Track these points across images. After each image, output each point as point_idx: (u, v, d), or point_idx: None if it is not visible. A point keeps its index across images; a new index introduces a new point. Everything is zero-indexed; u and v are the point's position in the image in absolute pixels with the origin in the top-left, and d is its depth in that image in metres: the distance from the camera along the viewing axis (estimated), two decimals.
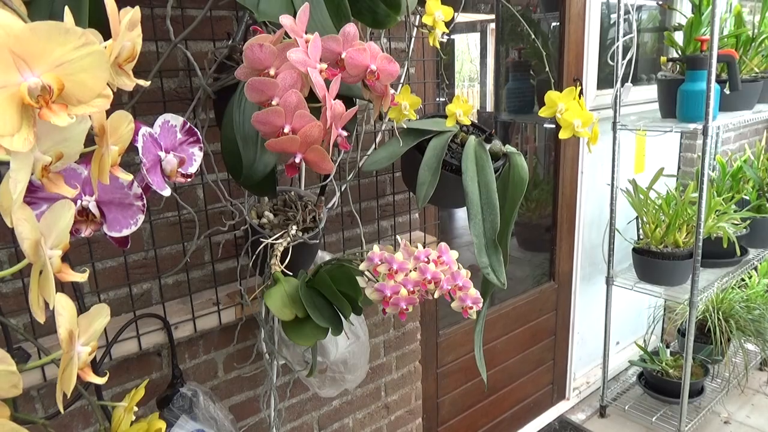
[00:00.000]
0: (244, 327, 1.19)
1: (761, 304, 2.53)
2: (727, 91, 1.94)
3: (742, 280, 2.63)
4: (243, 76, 0.70)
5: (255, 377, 1.26)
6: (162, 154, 0.67)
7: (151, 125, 0.66)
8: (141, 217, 0.64)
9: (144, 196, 0.64)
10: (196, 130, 0.71)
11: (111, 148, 0.49)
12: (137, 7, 0.51)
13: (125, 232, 0.64)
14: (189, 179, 0.69)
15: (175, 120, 0.69)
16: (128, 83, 0.51)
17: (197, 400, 1.02)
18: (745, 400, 2.50)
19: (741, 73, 2.05)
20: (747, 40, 2.08)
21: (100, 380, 0.51)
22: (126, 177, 0.52)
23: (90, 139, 0.49)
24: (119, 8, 0.51)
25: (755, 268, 2.67)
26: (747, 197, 2.40)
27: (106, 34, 0.50)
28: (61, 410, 0.48)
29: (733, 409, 2.44)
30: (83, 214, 0.60)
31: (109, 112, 0.50)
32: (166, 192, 0.65)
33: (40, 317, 0.46)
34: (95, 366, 0.90)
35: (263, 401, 1.26)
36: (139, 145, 0.64)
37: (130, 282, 1.05)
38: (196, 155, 0.72)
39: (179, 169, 0.68)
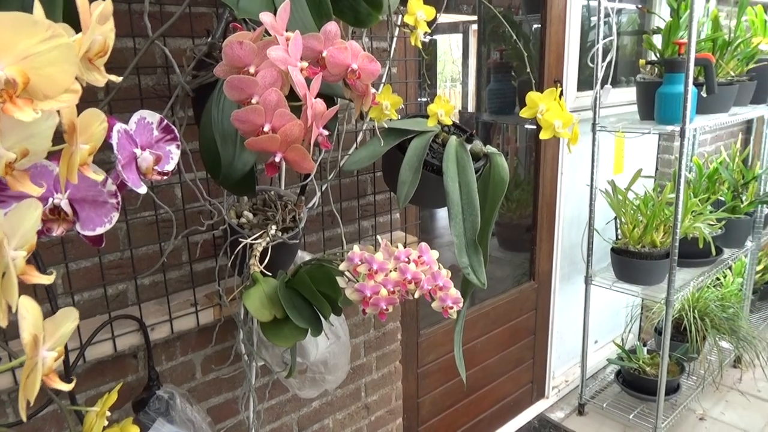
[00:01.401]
0: (223, 328, 1.18)
1: (735, 303, 2.58)
2: (704, 94, 1.97)
3: (717, 279, 2.68)
4: (222, 73, 0.69)
5: (233, 379, 1.24)
6: (138, 151, 0.65)
7: (128, 122, 0.65)
8: (115, 215, 0.63)
9: (119, 194, 0.63)
10: (173, 127, 0.70)
11: (81, 147, 0.47)
12: (109, 0, 0.50)
13: (99, 231, 0.62)
14: (166, 177, 0.68)
15: (152, 117, 0.68)
16: (100, 79, 0.49)
17: (174, 402, 1.01)
18: (720, 397, 2.55)
19: (717, 76, 2.08)
20: (723, 44, 2.12)
21: (66, 387, 0.49)
22: (96, 177, 0.51)
23: (61, 137, 0.47)
24: (92, 1, 0.50)
25: (730, 268, 2.72)
26: (722, 198, 2.44)
27: (80, 29, 0.49)
28: (24, 418, 0.46)
29: (708, 405, 2.48)
30: (55, 212, 0.59)
31: (83, 109, 0.49)
32: (142, 190, 0.64)
33: (2, 321, 0.44)
34: (68, 369, 0.88)
35: (242, 403, 1.25)
36: (114, 141, 0.63)
37: (105, 282, 1.03)
38: (173, 153, 0.70)
39: (155, 167, 0.67)
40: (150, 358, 1.05)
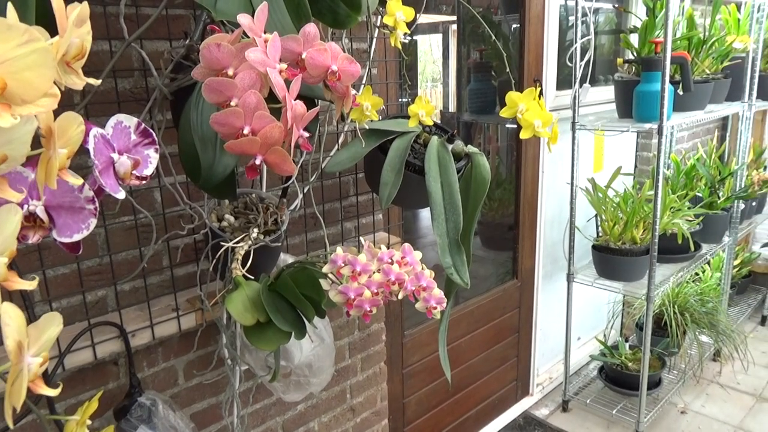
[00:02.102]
0: (205, 333, 1.17)
1: (714, 297, 2.63)
2: (680, 92, 2.00)
3: (696, 274, 2.73)
4: (200, 76, 0.69)
5: (217, 384, 1.23)
6: (115, 155, 0.64)
7: (104, 126, 0.64)
8: (93, 222, 0.62)
9: (96, 200, 0.62)
10: (151, 131, 0.69)
11: (59, 151, 0.47)
12: (85, 3, 0.49)
13: (76, 238, 0.61)
14: (144, 182, 0.67)
15: (129, 121, 0.67)
16: (78, 82, 0.48)
17: (156, 409, 1.00)
18: (700, 391, 2.59)
19: (693, 74, 2.12)
20: (698, 43, 2.15)
21: (53, 392, 0.48)
22: (75, 181, 0.50)
23: (37, 141, 0.46)
24: (67, 4, 0.49)
25: (708, 263, 2.77)
26: (700, 194, 2.48)
27: (54, 32, 0.48)
28: (11, 425, 0.45)
29: (689, 399, 2.52)
30: (31, 219, 0.58)
31: (59, 113, 0.48)
32: (120, 195, 0.63)
33: None
34: (47, 378, 0.87)
35: (226, 408, 1.23)
36: (91, 146, 0.62)
37: (84, 289, 1.01)
38: (152, 157, 0.69)
39: (134, 172, 0.66)
40: (131, 365, 1.03)
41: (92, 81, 0.52)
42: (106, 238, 1.02)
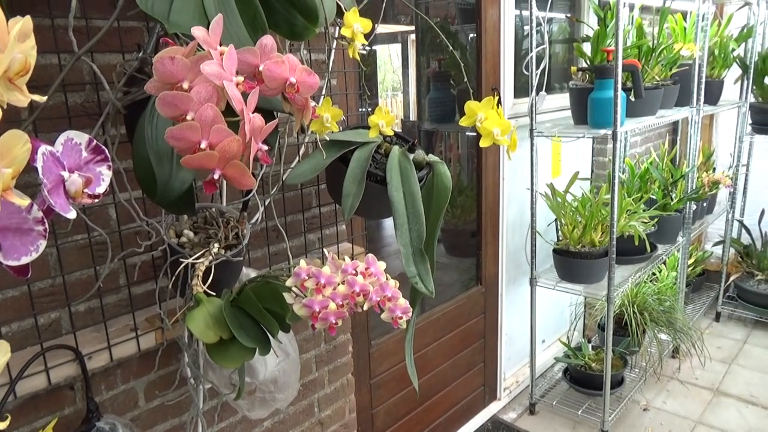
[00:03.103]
0: (166, 352, 1.13)
1: (671, 296, 2.71)
2: (632, 99, 2.06)
3: (653, 274, 2.81)
4: (154, 90, 0.67)
5: (180, 404, 1.20)
6: (65, 174, 0.62)
7: (54, 143, 0.62)
8: (42, 243, 0.59)
9: (45, 220, 0.59)
10: (103, 147, 0.67)
11: (3, 171, 0.45)
12: (28, 17, 0.47)
13: (24, 260, 0.59)
14: (97, 200, 0.65)
15: (80, 137, 0.65)
16: (21, 99, 0.47)
17: None
18: (661, 388, 2.65)
19: (644, 81, 2.19)
20: (648, 51, 2.23)
21: (1, 424, 0.46)
22: (22, 202, 0.48)
23: None
24: (13, 17, 0.47)
25: (664, 263, 2.85)
26: (654, 197, 2.56)
27: None
28: None
29: (650, 396, 2.58)
30: None
31: (5, 129, 0.46)
32: (71, 215, 0.61)
33: None
34: None
35: (190, 428, 1.20)
36: (39, 164, 0.59)
37: (35, 312, 0.97)
38: (104, 174, 0.67)
39: (85, 190, 0.64)
40: (88, 389, 0.99)
41: (37, 98, 0.50)
42: (58, 257, 0.99)
